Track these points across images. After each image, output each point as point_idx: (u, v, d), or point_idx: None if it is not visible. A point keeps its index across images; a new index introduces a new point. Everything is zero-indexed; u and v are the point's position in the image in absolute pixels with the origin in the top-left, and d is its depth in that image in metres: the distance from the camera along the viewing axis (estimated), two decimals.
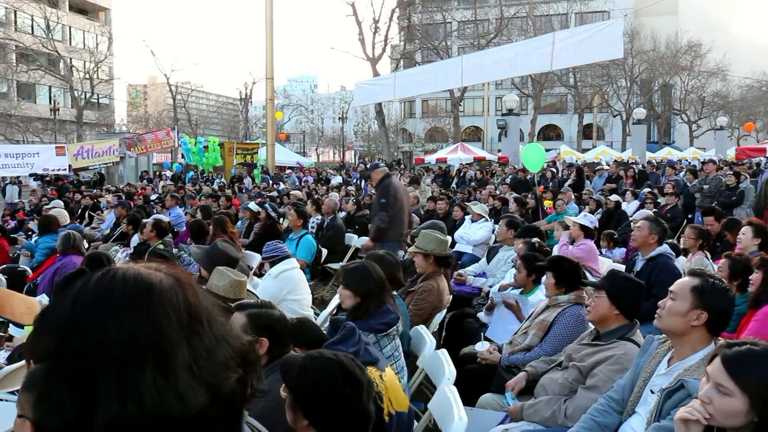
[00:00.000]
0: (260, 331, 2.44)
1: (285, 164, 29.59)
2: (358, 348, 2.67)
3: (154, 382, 0.78)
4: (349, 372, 1.87)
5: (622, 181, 14.10)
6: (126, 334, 0.79)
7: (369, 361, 2.70)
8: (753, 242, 5.51)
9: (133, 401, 0.77)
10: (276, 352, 2.39)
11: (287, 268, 4.83)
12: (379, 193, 6.99)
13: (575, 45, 14.28)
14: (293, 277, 4.84)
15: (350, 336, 2.72)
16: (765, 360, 1.76)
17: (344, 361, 1.91)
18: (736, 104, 49.20)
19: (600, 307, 3.11)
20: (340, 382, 1.85)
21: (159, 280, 0.85)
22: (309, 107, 72.54)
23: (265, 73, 26.04)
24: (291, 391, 1.88)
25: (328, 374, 1.86)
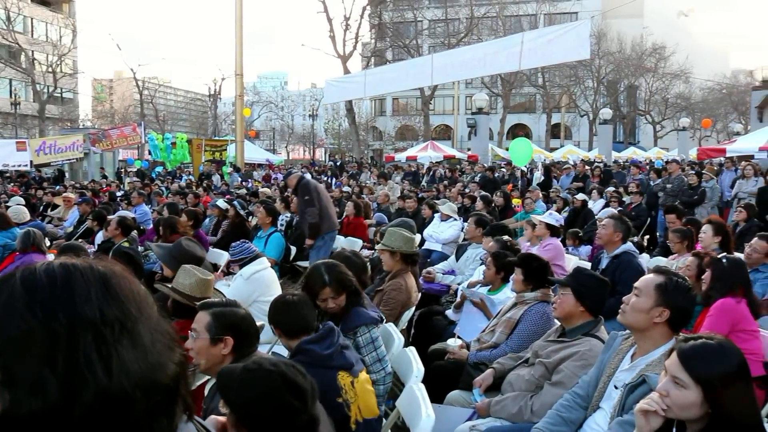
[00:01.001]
0: (225, 329, 2.40)
1: (254, 161, 29.28)
2: (332, 351, 2.65)
3: (134, 355, 0.80)
4: (292, 382, 1.79)
5: (589, 180, 14.35)
6: (96, 313, 0.80)
7: (342, 365, 2.67)
8: (713, 240, 5.65)
9: (120, 372, 0.78)
10: (242, 351, 2.36)
11: (259, 269, 4.73)
12: (300, 193, 7.44)
13: (543, 45, 14.46)
14: (265, 278, 4.75)
15: (327, 336, 2.69)
16: (718, 354, 1.81)
17: (286, 370, 1.82)
18: (698, 106, 50.51)
19: (565, 304, 3.16)
20: (284, 395, 1.76)
21: (108, 269, 0.87)
22: (279, 104, 71.98)
23: (235, 69, 25.72)
24: (232, 409, 1.77)
25: (270, 388, 1.77)
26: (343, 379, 2.62)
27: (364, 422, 2.62)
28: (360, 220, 9.21)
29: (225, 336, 2.39)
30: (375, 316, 3.17)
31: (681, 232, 5.77)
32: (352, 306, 3.15)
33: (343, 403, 2.57)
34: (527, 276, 3.86)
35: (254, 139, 46.73)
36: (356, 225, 9.00)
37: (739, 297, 3.65)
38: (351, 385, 2.62)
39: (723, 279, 3.70)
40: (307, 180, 7.65)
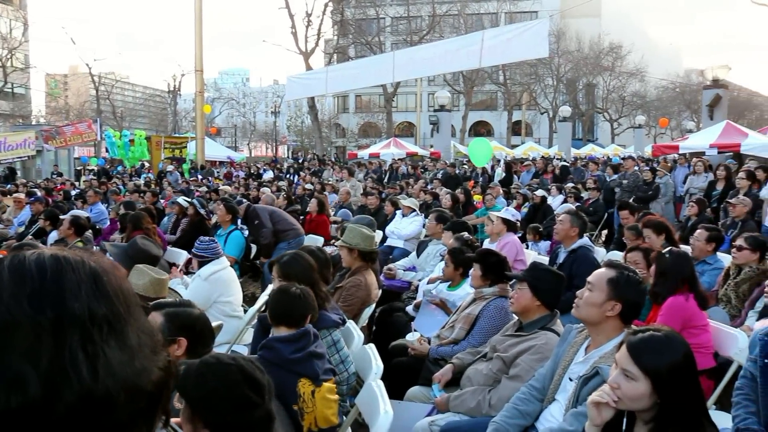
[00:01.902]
0: (178, 330, 2.36)
1: (215, 159, 28.88)
2: (300, 356, 2.61)
3: (121, 357, 0.76)
4: (250, 376, 1.79)
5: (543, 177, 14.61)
6: (85, 310, 0.76)
7: (307, 374, 2.65)
8: (659, 240, 5.79)
9: (106, 373, 0.74)
10: (196, 352, 2.31)
11: (218, 269, 4.62)
12: (249, 221, 7.68)
13: (503, 43, 14.64)
14: (224, 278, 4.64)
15: (298, 339, 2.65)
16: (665, 345, 1.86)
17: (244, 365, 1.82)
18: (653, 104, 51.95)
19: (522, 299, 3.20)
20: (243, 388, 1.76)
21: (99, 264, 0.83)
22: (241, 101, 70.97)
23: (194, 65, 25.35)
24: (188, 402, 1.76)
25: (229, 381, 1.76)
26: (304, 387, 2.60)
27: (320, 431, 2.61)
28: (323, 217, 9.16)
29: (178, 337, 2.35)
30: (336, 319, 3.15)
31: (635, 229, 5.90)
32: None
33: (297, 411, 2.54)
34: (485, 271, 3.90)
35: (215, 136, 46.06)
36: (318, 222, 8.95)
37: (687, 293, 3.72)
38: (311, 395, 2.60)
39: (667, 273, 3.77)
40: (254, 207, 7.95)
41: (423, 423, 3.10)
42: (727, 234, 6.60)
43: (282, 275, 3.30)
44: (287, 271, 3.30)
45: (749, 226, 6.77)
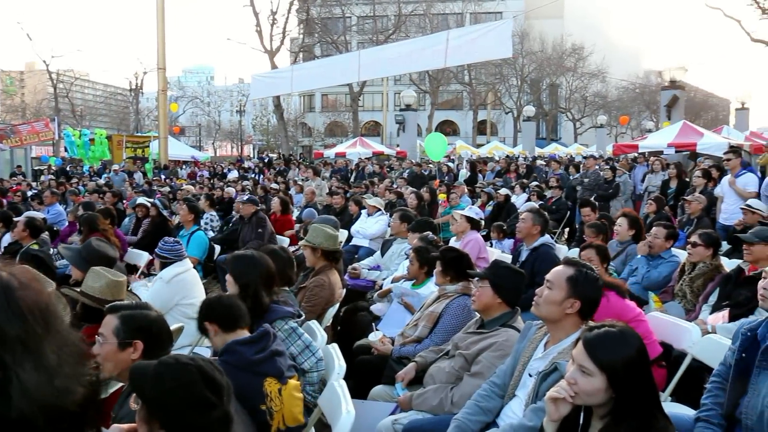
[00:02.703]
0: (134, 333, 2.31)
1: (179, 158, 28.40)
2: (262, 356, 2.58)
3: (37, 378, 0.73)
4: (208, 376, 1.77)
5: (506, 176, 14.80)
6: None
7: (272, 373, 2.63)
8: (629, 233, 5.94)
9: (21, 397, 0.71)
10: (154, 355, 2.27)
11: (180, 271, 4.51)
12: (256, 225, 7.73)
13: (468, 43, 14.73)
14: (187, 280, 4.54)
15: (259, 340, 2.62)
16: (619, 341, 1.90)
17: (202, 365, 1.80)
18: (614, 104, 53.09)
19: (484, 297, 3.23)
20: (201, 388, 1.73)
21: (12, 278, 0.79)
22: (205, 99, 69.96)
23: (157, 63, 24.90)
24: (146, 403, 1.73)
25: (188, 381, 1.74)
26: (270, 386, 2.58)
27: (287, 430, 2.59)
28: (288, 217, 9.11)
29: (134, 340, 2.30)
30: (290, 310, 3.13)
31: (596, 227, 6.02)
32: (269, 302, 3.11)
33: (266, 411, 2.52)
34: (445, 267, 3.92)
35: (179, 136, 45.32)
36: (283, 222, 8.89)
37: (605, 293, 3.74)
38: (278, 393, 2.58)
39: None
40: (264, 216, 7.89)
41: (386, 422, 3.10)
42: (683, 230, 6.79)
43: (230, 273, 3.28)
44: (233, 270, 3.28)
45: (704, 223, 6.98)
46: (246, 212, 8.03)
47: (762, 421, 2.46)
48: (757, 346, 2.59)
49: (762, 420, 2.46)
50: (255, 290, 3.12)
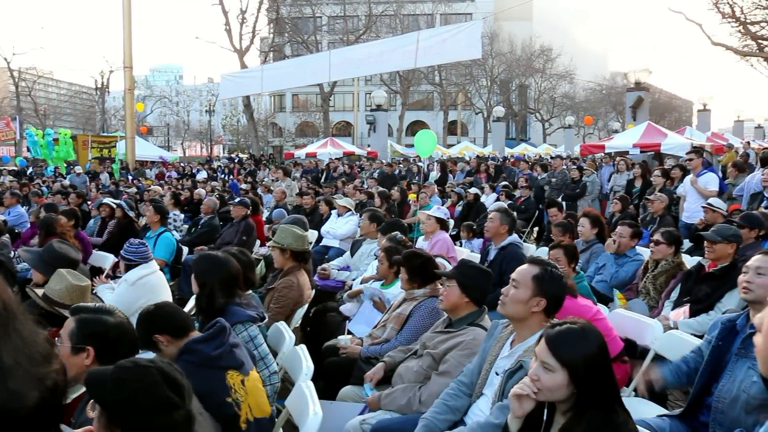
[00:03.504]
0: (86, 338, 2.24)
1: (147, 159, 27.94)
2: (221, 350, 2.56)
3: None
4: (170, 377, 1.74)
5: (477, 176, 14.93)
6: None
7: (232, 365, 2.61)
8: (592, 232, 6.05)
9: None
10: (110, 363, 2.21)
11: (146, 273, 4.42)
12: (243, 231, 7.66)
13: (438, 44, 14.80)
14: (152, 283, 4.44)
15: (216, 336, 2.60)
16: (580, 337, 1.93)
17: (163, 366, 1.77)
18: (582, 105, 53.95)
19: (451, 296, 3.24)
20: (164, 389, 1.70)
21: None
22: (174, 99, 68.98)
23: (124, 61, 24.48)
24: (106, 409, 1.69)
25: (149, 383, 1.71)
26: (233, 378, 2.56)
27: (256, 421, 2.57)
28: (258, 218, 9.03)
29: (86, 346, 2.24)
30: (251, 314, 3.10)
31: (562, 226, 6.11)
32: (226, 304, 3.06)
33: (232, 403, 2.50)
34: (411, 274, 3.91)
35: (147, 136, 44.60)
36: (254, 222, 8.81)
37: None
38: (241, 384, 2.57)
39: None
40: (252, 222, 7.86)
41: (354, 422, 3.10)
42: (647, 229, 6.94)
43: (193, 271, 3.24)
44: (194, 268, 3.25)
45: (666, 221, 7.14)
46: (236, 214, 7.94)
47: (735, 405, 2.57)
48: (734, 335, 2.73)
49: (735, 404, 2.57)
50: (211, 290, 3.07)
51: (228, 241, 7.69)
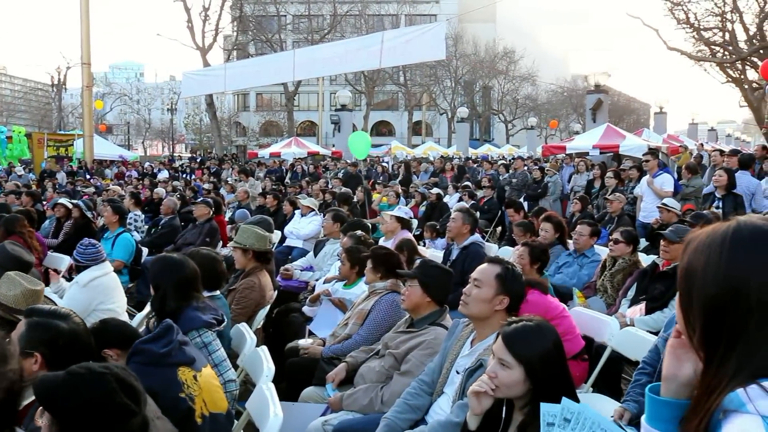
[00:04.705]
0: (35, 344, 2.17)
1: (106, 158, 27.29)
2: (170, 348, 2.53)
3: None
4: (126, 383, 1.70)
5: (442, 176, 15.06)
6: None
7: (183, 361, 2.58)
8: (554, 236, 6.14)
9: None
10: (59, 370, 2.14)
11: (98, 274, 4.29)
12: (207, 233, 7.54)
13: (402, 45, 14.86)
14: (105, 284, 4.32)
15: (164, 335, 2.56)
16: (536, 334, 1.97)
17: (118, 372, 1.73)
18: (544, 107, 54.87)
19: (413, 296, 3.26)
20: (119, 397, 1.66)
21: None
22: (134, 97, 67.51)
23: (81, 58, 23.91)
24: (57, 417, 1.63)
25: (104, 390, 1.65)
26: (185, 374, 2.54)
27: (211, 417, 2.55)
28: (220, 218, 8.91)
29: (34, 351, 2.17)
30: (207, 320, 3.05)
31: (524, 225, 6.20)
32: (183, 308, 3.02)
33: (186, 398, 2.48)
34: (375, 264, 3.95)
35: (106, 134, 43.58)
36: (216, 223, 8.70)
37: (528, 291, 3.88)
38: (194, 379, 2.55)
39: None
40: (216, 224, 7.74)
41: (316, 423, 3.09)
42: (605, 228, 7.10)
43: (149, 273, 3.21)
44: (150, 269, 3.22)
45: (624, 221, 7.32)
46: (199, 215, 7.79)
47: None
48: None
49: None
50: (164, 293, 3.04)
51: (190, 242, 7.57)
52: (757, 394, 0.94)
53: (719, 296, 1.00)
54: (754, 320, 0.98)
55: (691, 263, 1.06)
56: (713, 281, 1.01)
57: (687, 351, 1.11)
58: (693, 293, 1.05)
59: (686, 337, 1.09)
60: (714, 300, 1.01)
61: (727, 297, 1.00)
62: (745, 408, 0.94)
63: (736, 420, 0.95)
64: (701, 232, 1.09)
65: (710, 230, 1.07)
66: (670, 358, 1.14)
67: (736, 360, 0.99)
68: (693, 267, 1.06)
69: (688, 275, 1.07)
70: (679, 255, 4.52)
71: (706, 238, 1.06)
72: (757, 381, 0.96)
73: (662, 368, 1.16)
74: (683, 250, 1.11)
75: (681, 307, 1.10)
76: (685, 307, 1.08)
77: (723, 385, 0.99)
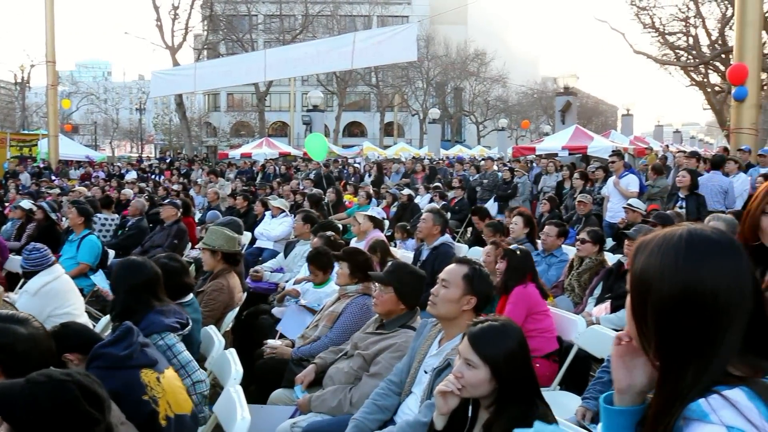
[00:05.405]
0: None
1: (72, 158, 26.73)
2: (131, 350, 2.49)
3: None
4: (89, 390, 1.66)
5: (413, 176, 15.12)
6: None
7: (145, 363, 2.55)
8: (523, 231, 6.22)
9: None
10: (17, 377, 2.07)
11: (48, 280, 4.11)
12: (175, 235, 7.46)
13: (374, 46, 14.89)
14: (57, 289, 4.12)
15: (124, 338, 2.52)
16: (501, 334, 1.99)
17: (81, 379, 1.68)
18: (514, 108, 55.44)
19: (388, 303, 3.23)
20: (82, 405, 1.62)
21: None
22: (101, 96, 66.21)
23: (46, 56, 23.39)
24: (16, 427, 1.58)
25: (66, 399, 1.61)
26: (147, 376, 2.51)
27: (176, 418, 2.52)
28: (189, 219, 8.80)
29: None
30: (170, 323, 3.01)
31: (493, 226, 6.27)
32: (144, 312, 2.98)
33: (149, 400, 2.45)
34: (353, 270, 3.95)
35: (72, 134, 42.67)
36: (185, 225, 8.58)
37: (527, 283, 4.07)
38: (157, 381, 2.52)
39: (517, 268, 4.10)
40: (184, 225, 7.65)
41: (285, 425, 3.07)
42: (573, 228, 7.21)
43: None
44: (112, 272, 3.17)
45: (591, 221, 7.44)
46: (166, 216, 7.67)
47: None
48: None
49: None
50: (125, 297, 3.00)
51: (158, 244, 7.45)
52: (719, 404, 0.95)
53: (676, 298, 1.01)
54: (710, 325, 1.00)
55: (645, 267, 1.07)
56: (670, 283, 1.02)
57: (634, 357, 1.11)
58: (648, 296, 1.05)
59: (639, 345, 1.09)
60: (671, 302, 1.02)
61: (684, 299, 1.01)
62: (709, 418, 0.95)
63: (699, 430, 0.96)
64: (651, 236, 1.10)
65: (662, 234, 1.08)
66: (619, 369, 1.14)
67: (694, 368, 1.00)
68: (647, 270, 1.06)
69: (642, 278, 1.07)
70: None
71: (660, 242, 1.07)
72: (716, 390, 0.97)
73: (614, 380, 1.15)
74: (633, 254, 1.11)
75: (633, 313, 1.09)
76: (639, 312, 1.08)
77: (684, 395, 0.99)
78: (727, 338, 1.00)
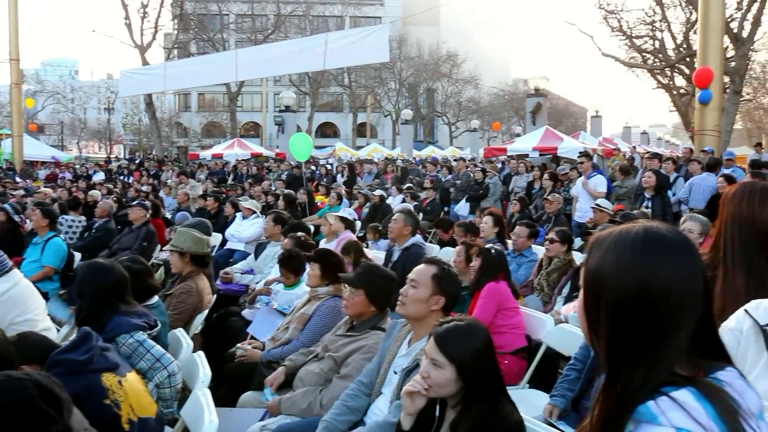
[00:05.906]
0: None
1: (37, 159, 26.14)
2: (90, 354, 2.46)
3: None
4: (47, 390, 1.65)
5: (383, 177, 15.16)
6: None
7: (106, 367, 2.51)
8: (492, 230, 6.28)
9: None
10: None
11: (7, 287, 3.86)
12: (144, 236, 7.42)
13: (346, 47, 14.90)
14: (17, 296, 3.90)
15: (82, 343, 2.48)
16: (466, 334, 2.01)
17: (39, 378, 1.67)
18: (486, 109, 55.87)
19: (359, 305, 3.23)
20: (40, 404, 1.61)
21: None
22: (68, 95, 64.80)
23: (9, 53, 22.87)
24: None
25: (22, 397, 1.61)
26: (108, 379, 2.48)
27: (140, 421, 2.49)
28: (158, 221, 8.67)
29: None
30: (138, 323, 2.97)
31: (465, 226, 6.31)
32: (109, 315, 2.93)
33: (111, 404, 2.41)
34: (324, 272, 3.94)
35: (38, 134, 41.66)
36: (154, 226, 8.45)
37: (500, 281, 4.12)
38: (119, 384, 2.49)
39: (491, 266, 4.15)
40: (154, 228, 7.57)
41: (254, 428, 3.05)
42: (543, 228, 7.31)
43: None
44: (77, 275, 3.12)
45: (561, 220, 7.55)
46: (135, 218, 7.55)
47: None
48: None
49: None
50: (90, 300, 2.96)
51: (127, 246, 7.33)
52: (668, 405, 0.96)
53: (630, 295, 1.02)
54: (662, 324, 1.01)
55: (599, 263, 1.07)
56: (626, 280, 1.03)
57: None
58: (602, 292, 1.05)
59: (588, 342, 1.11)
60: (625, 299, 1.02)
61: (638, 296, 1.01)
62: (658, 420, 0.96)
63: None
64: (606, 233, 1.11)
65: (618, 231, 1.09)
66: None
67: (643, 369, 1.00)
68: (602, 266, 1.06)
69: (596, 274, 1.07)
70: None
71: (615, 239, 1.08)
72: (664, 392, 0.98)
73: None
74: (588, 250, 1.12)
75: (586, 310, 1.10)
76: (592, 308, 1.08)
77: (634, 397, 1.00)
78: (676, 338, 1.01)
